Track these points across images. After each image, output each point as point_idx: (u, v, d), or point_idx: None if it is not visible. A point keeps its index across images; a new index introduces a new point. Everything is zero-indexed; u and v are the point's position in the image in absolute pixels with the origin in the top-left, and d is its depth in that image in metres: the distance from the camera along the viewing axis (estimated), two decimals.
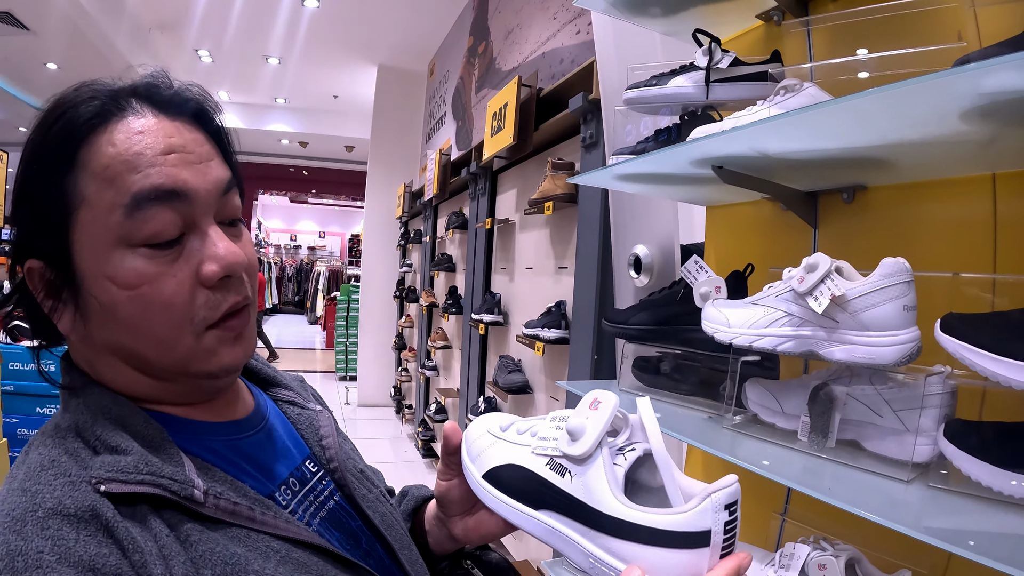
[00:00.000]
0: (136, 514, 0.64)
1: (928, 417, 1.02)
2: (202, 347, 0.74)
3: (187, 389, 0.78)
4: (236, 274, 0.75)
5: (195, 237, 0.73)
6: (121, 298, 0.70)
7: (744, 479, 1.64)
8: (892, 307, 1.02)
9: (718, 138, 1.17)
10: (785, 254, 1.60)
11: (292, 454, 0.87)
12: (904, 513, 0.90)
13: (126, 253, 0.69)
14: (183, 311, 0.71)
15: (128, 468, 0.65)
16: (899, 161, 1.21)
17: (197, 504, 0.67)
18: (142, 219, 0.69)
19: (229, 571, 0.65)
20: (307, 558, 0.73)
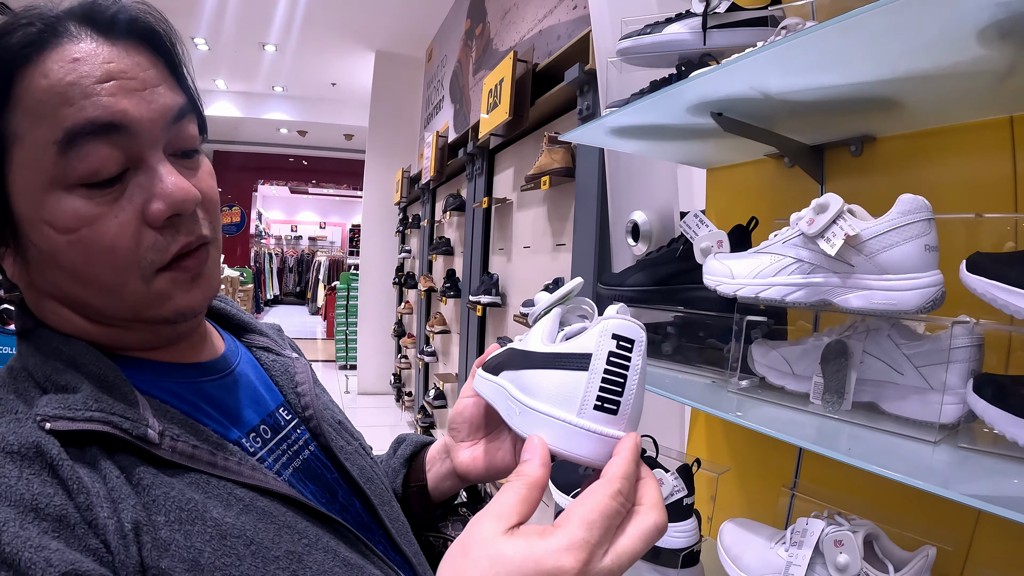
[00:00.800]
0: (85, 455, 0.60)
1: (955, 373, 0.92)
2: (153, 292, 0.68)
3: (144, 336, 0.73)
4: (187, 212, 0.68)
5: (140, 173, 0.66)
6: (60, 243, 0.64)
7: (750, 451, 1.58)
8: (912, 247, 0.92)
9: (717, 75, 1.08)
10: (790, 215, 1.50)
11: (264, 400, 0.82)
12: (934, 476, 0.80)
13: (63, 195, 0.63)
14: (127, 255, 0.65)
15: (76, 405, 0.61)
16: (910, 103, 1.12)
17: (151, 445, 0.63)
18: (77, 157, 0.62)
19: (184, 517, 0.61)
20: (274, 508, 0.67)
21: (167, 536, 0.59)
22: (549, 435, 0.59)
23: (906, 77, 1.00)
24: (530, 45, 4.23)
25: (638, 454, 0.58)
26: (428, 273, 6.41)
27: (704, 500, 1.59)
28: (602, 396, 0.58)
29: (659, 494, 0.57)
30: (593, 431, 0.58)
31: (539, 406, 0.61)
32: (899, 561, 1.04)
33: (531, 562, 0.49)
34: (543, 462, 0.57)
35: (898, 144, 1.27)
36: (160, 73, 0.70)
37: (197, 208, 0.70)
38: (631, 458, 0.56)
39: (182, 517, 0.60)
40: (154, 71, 0.69)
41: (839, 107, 1.18)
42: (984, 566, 1.06)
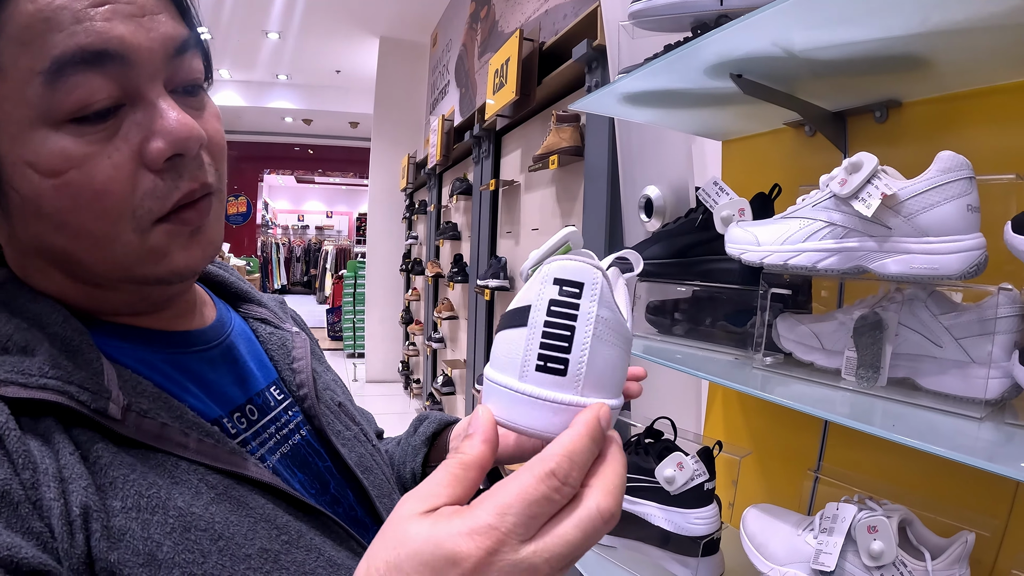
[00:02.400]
0: (38, 427, 0.53)
1: (999, 345, 0.86)
2: (148, 246, 0.60)
3: (130, 298, 0.66)
4: (190, 152, 0.60)
5: (137, 108, 0.58)
6: (45, 188, 0.56)
7: (770, 434, 1.52)
8: (954, 207, 0.85)
9: (737, 29, 1.00)
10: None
11: (254, 377, 0.76)
12: (982, 453, 0.74)
13: (49, 132, 0.55)
14: (121, 200, 0.57)
15: (31, 370, 0.54)
16: (940, 62, 1.05)
17: (112, 421, 0.56)
18: (65, 88, 0.54)
19: (143, 504, 0.54)
20: (251, 498, 0.61)
21: (121, 524, 0.53)
22: (495, 405, 0.50)
23: (938, 31, 0.93)
24: (536, 25, 4.19)
25: (598, 428, 0.46)
26: (435, 259, 6.37)
27: (724, 485, 1.54)
28: (544, 354, 0.48)
29: (617, 478, 0.46)
30: (536, 396, 0.48)
31: (489, 373, 0.52)
32: (935, 548, 0.99)
33: (431, 544, 0.41)
34: (485, 439, 0.47)
35: (925, 109, 1.20)
36: (162, 3, 0.61)
37: (202, 151, 0.63)
38: (584, 432, 0.45)
39: (140, 504, 0.54)
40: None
41: (865, 67, 1.11)
42: (1022, 551, 1.00)
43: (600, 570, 1.44)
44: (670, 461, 1.31)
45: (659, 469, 1.31)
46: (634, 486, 1.37)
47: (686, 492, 1.30)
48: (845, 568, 1.01)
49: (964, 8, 0.86)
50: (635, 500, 1.37)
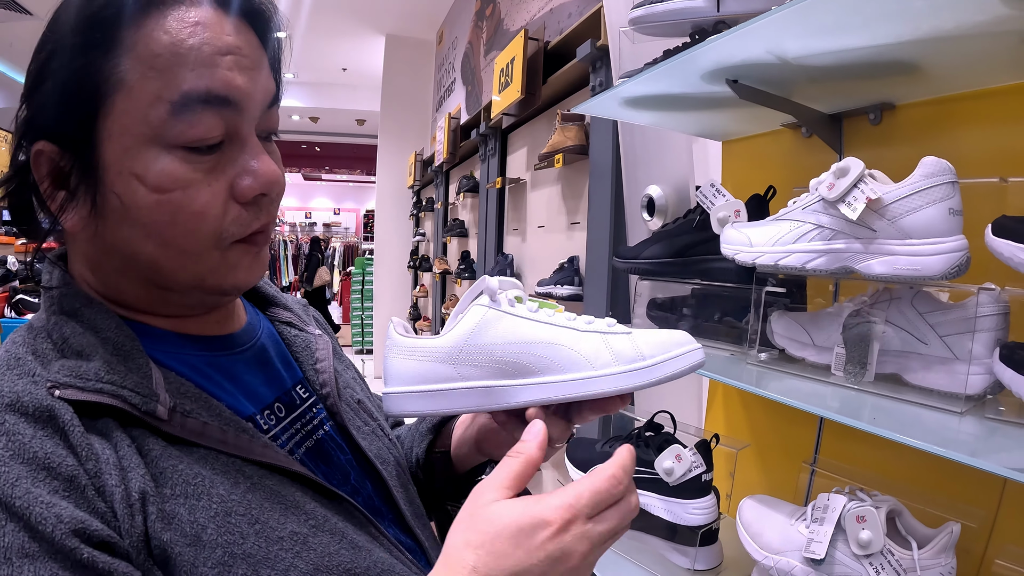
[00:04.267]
0: (98, 424, 0.60)
1: (981, 342, 0.90)
2: (227, 262, 0.69)
3: (189, 302, 0.74)
4: (272, 194, 0.70)
5: (235, 147, 0.67)
6: (148, 201, 0.63)
7: (768, 427, 1.55)
8: (936, 210, 0.89)
9: (732, 38, 1.04)
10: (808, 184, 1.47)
11: (282, 377, 0.82)
12: (961, 447, 0.77)
13: (161, 152, 0.63)
14: (214, 224, 0.66)
15: (88, 374, 0.61)
16: (932, 67, 1.08)
17: (160, 422, 0.62)
18: (188, 121, 0.62)
19: (191, 491, 0.61)
20: (282, 487, 0.67)
21: (172, 509, 0.59)
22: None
23: (928, 38, 0.97)
24: (541, 24, 4.20)
25: (635, 454, 0.67)
26: (443, 256, 6.38)
27: (722, 476, 1.57)
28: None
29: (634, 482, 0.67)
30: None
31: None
32: (922, 538, 1.02)
33: (525, 516, 0.58)
34: (540, 445, 0.66)
35: (918, 111, 1.23)
36: (263, 59, 0.70)
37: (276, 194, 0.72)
38: (631, 455, 0.66)
39: (188, 491, 0.60)
40: (260, 53, 0.70)
41: (858, 72, 1.14)
42: (1010, 542, 1.04)
43: (602, 559, 1.48)
44: (669, 453, 1.35)
45: (658, 461, 1.35)
46: (634, 477, 1.41)
47: (685, 483, 1.34)
48: (835, 556, 1.05)
49: (953, 16, 0.89)
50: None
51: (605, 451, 1.46)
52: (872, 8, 0.91)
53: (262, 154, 0.69)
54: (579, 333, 0.74)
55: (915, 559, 0.98)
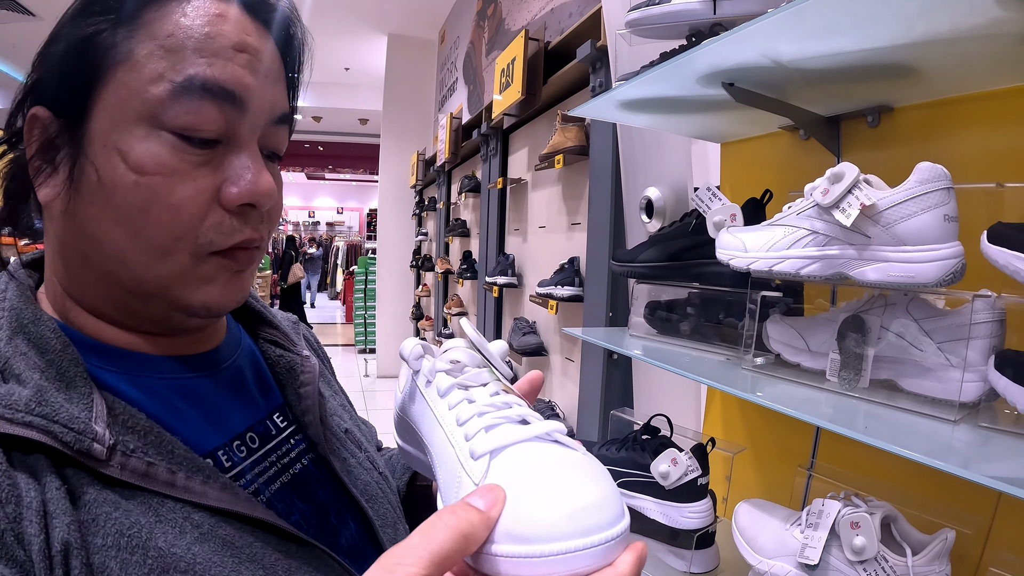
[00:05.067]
0: (28, 461, 0.53)
1: (975, 349, 0.89)
2: (197, 272, 0.64)
3: (153, 314, 0.67)
4: (262, 207, 0.66)
5: (231, 151, 0.64)
6: (126, 180, 0.59)
7: (766, 431, 1.55)
8: (931, 217, 0.88)
9: (726, 42, 1.04)
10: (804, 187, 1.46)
11: (257, 403, 0.76)
12: (954, 456, 0.77)
13: (151, 132, 0.59)
14: (190, 223, 0.61)
15: (18, 404, 0.53)
16: (928, 69, 1.07)
17: (97, 461, 0.55)
18: (186, 106, 0.59)
19: (123, 544, 0.53)
20: (238, 537, 0.60)
21: (100, 562, 0.52)
22: None
23: (924, 41, 0.96)
24: (542, 24, 4.20)
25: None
26: (445, 255, 6.39)
27: (719, 480, 1.57)
28: None
29: None
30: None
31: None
32: (917, 544, 1.02)
33: None
34: (485, 523, 0.45)
35: (916, 114, 1.22)
36: (281, 74, 0.69)
37: (265, 212, 0.68)
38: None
39: (120, 543, 0.53)
40: (279, 66, 0.68)
41: (855, 75, 1.13)
42: (1005, 550, 1.03)
43: None
44: (665, 457, 1.34)
45: (654, 464, 1.35)
46: (631, 481, 1.41)
47: (680, 487, 1.34)
48: (829, 562, 1.05)
49: (947, 19, 0.88)
50: (632, 494, 1.41)
51: (603, 454, 1.46)
52: (864, 11, 0.90)
53: (259, 164, 0.65)
54: (447, 448, 0.57)
55: (909, 566, 0.98)
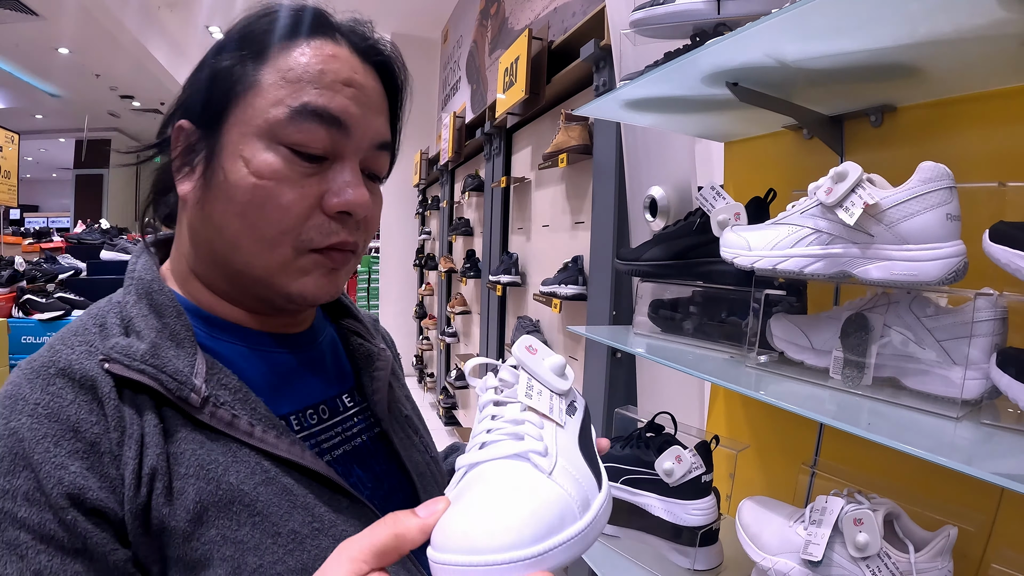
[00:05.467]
0: (136, 399, 0.68)
1: (978, 347, 0.90)
2: (296, 264, 0.76)
3: (253, 295, 0.80)
4: (356, 215, 0.78)
5: (335, 167, 0.77)
6: (246, 181, 0.73)
7: (769, 429, 1.55)
8: (933, 216, 0.89)
9: (731, 43, 1.04)
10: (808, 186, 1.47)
11: (332, 382, 0.89)
12: (957, 453, 0.77)
13: (269, 144, 0.73)
14: (295, 221, 0.74)
15: (135, 354, 0.68)
16: (931, 69, 1.08)
17: (191, 407, 0.69)
18: (298, 126, 0.73)
19: (201, 475, 0.67)
20: (296, 486, 0.72)
21: (179, 487, 0.66)
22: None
23: (926, 41, 0.97)
24: (545, 22, 4.20)
25: None
26: (448, 254, 6.38)
27: (723, 478, 1.58)
28: None
29: None
30: None
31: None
32: (920, 541, 1.02)
33: None
34: (422, 528, 0.54)
35: (919, 113, 1.23)
36: (383, 107, 0.83)
37: (362, 221, 0.80)
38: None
39: (199, 474, 0.67)
40: (381, 101, 0.82)
41: (858, 75, 1.14)
42: (1007, 547, 1.04)
43: (604, 559, 1.49)
44: (669, 454, 1.35)
45: (658, 462, 1.36)
46: (635, 478, 1.41)
47: (684, 484, 1.34)
48: (832, 559, 1.05)
49: (950, 20, 0.89)
50: (636, 491, 1.42)
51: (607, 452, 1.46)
52: (867, 12, 0.90)
53: (358, 180, 0.77)
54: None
55: (912, 562, 0.98)
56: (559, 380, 0.67)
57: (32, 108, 13.75)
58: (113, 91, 12.33)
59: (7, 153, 5.84)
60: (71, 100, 12.97)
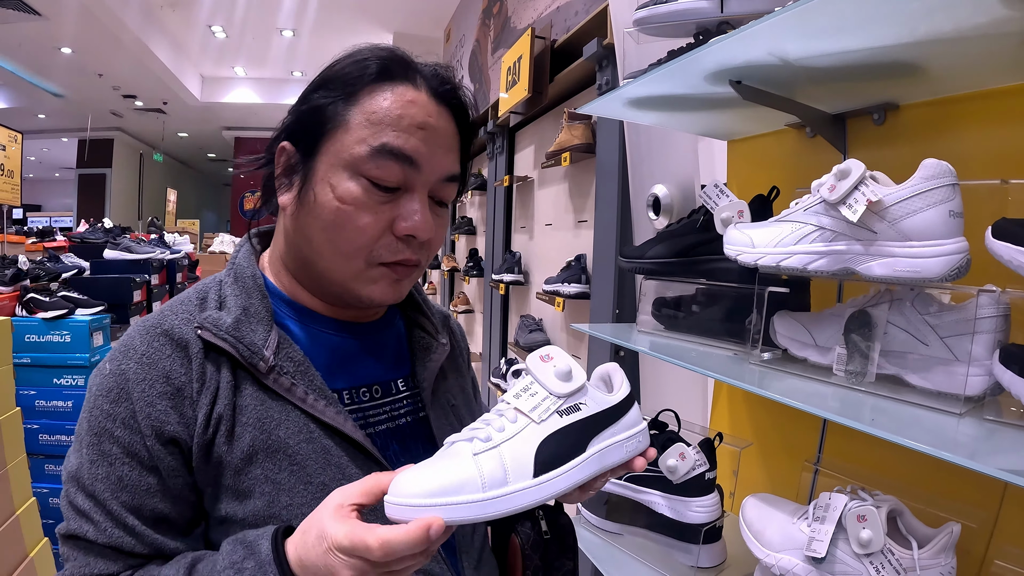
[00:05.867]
0: (219, 360, 0.86)
1: (980, 344, 0.90)
2: (367, 275, 0.90)
3: (330, 294, 0.95)
4: (421, 238, 0.90)
5: (407, 196, 0.89)
6: (331, 204, 0.86)
7: (772, 426, 1.56)
8: (936, 213, 0.89)
9: (734, 41, 1.05)
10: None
11: (390, 367, 1.02)
12: (960, 449, 0.77)
13: (352, 176, 0.86)
14: (368, 240, 0.87)
15: (221, 326, 0.86)
16: (933, 68, 1.08)
17: (259, 372, 0.85)
18: (377, 163, 0.85)
19: (258, 426, 0.84)
20: (334, 448, 0.87)
21: (239, 432, 0.83)
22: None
23: (927, 40, 0.97)
24: (548, 21, 4.19)
25: None
26: (451, 253, 6.38)
27: (726, 475, 1.58)
28: None
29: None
30: None
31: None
32: (923, 538, 1.03)
33: (328, 555, 0.68)
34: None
35: (922, 112, 1.23)
36: (455, 142, 0.94)
37: (424, 242, 0.91)
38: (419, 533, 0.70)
39: (256, 424, 0.84)
40: (453, 141, 0.93)
41: (860, 73, 1.14)
42: (1010, 544, 1.04)
43: (607, 556, 1.49)
44: (673, 451, 1.35)
45: (662, 459, 1.36)
46: (639, 475, 1.42)
47: (688, 481, 1.35)
48: (836, 555, 1.06)
49: (950, 18, 0.89)
50: (640, 489, 1.42)
51: None
52: (868, 11, 0.91)
53: (425, 209, 0.89)
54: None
55: (915, 559, 0.99)
56: (559, 384, 0.78)
57: (35, 108, 13.75)
58: (115, 90, 12.34)
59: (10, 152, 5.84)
60: (73, 100, 12.98)
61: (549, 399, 0.77)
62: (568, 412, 0.77)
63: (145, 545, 0.81)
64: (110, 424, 0.81)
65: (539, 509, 1.05)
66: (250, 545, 0.75)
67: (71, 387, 3.33)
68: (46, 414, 3.31)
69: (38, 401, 3.33)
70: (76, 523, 0.80)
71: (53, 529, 0.93)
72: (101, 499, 0.80)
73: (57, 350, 3.34)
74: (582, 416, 0.78)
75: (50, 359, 3.36)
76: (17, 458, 2.39)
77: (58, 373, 3.37)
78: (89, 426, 0.83)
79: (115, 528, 0.80)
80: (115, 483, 0.80)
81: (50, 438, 3.31)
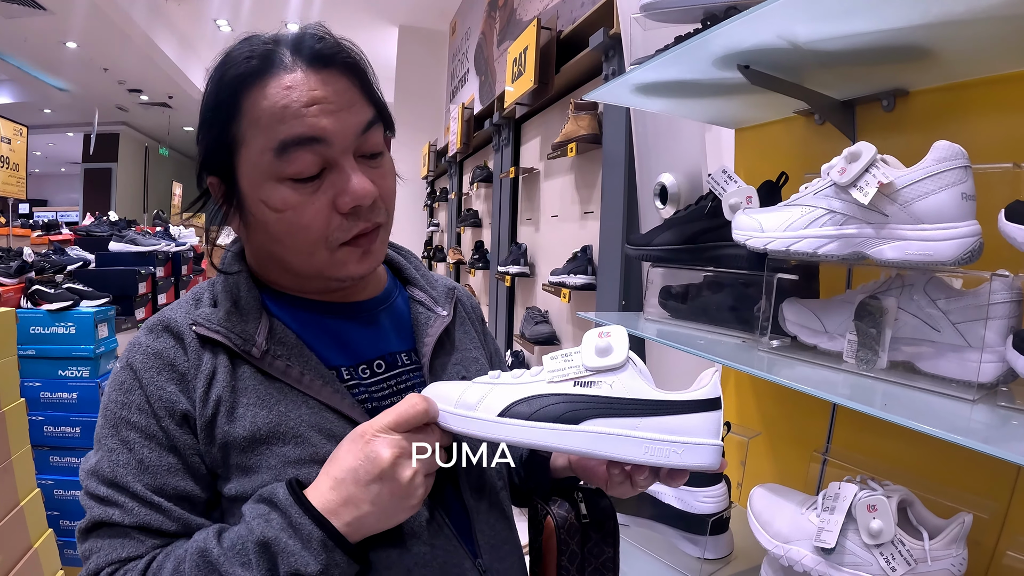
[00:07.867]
0: (215, 351, 0.88)
1: (993, 330, 0.88)
2: (335, 259, 0.90)
3: (321, 285, 0.96)
4: (365, 204, 0.88)
5: (334, 172, 0.86)
6: (271, 218, 0.87)
7: (780, 416, 1.54)
8: (948, 195, 0.88)
9: (742, 23, 1.03)
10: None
11: (390, 342, 1.02)
12: (972, 434, 0.76)
13: (275, 184, 0.85)
14: (320, 232, 0.87)
15: (213, 320, 0.89)
16: (944, 52, 1.07)
17: (253, 358, 0.88)
18: (287, 160, 0.83)
19: (260, 404, 0.86)
20: (333, 423, 0.88)
21: (241, 412, 0.85)
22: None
23: (939, 22, 0.96)
24: (554, 12, 4.18)
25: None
26: (457, 246, 6.39)
27: (734, 465, 1.57)
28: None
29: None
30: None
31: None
32: (934, 528, 1.02)
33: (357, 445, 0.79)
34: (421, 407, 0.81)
35: (932, 97, 1.22)
36: (354, 94, 0.88)
37: (377, 200, 0.90)
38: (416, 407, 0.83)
39: (259, 404, 0.86)
40: (349, 94, 0.87)
41: (870, 57, 1.13)
42: (1021, 534, 1.03)
43: None
44: None
45: None
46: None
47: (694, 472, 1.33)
48: (845, 545, 1.05)
49: (963, 0, 0.88)
50: None
51: None
52: None
53: (356, 175, 0.86)
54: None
55: (926, 549, 0.98)
56: (592, 357, 0.80)
57: (40, 102, 13.79)
58: (121, 85, 12.36)
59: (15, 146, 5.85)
60: (79, 94, 13.01)
61: (575, 368, 0.80)
62: (584, 384, 0.80)
63: (173, 521, 0.83)
64: (125, 412, 0.85)
65: (578, 491, 1.04)
66: (268, 498, 0.80)
67: (76, 379, 3.32)
68: (51, 406, 3.30)
69: (43, 393, 3.31)
70: (100, 510, 0.82)
71: (58, 521, 0.94)
72: (124, 483, 0.82)
73: (62, 342, 3.32)
74: (595, 393, 0.79)
75: (55, 351, 3.34)
76: (21, 449, 2.39)
77: (63, 365, 3.35)
78: (105, 421, 0.86)
79: (142, 507, 0.82)
80: (137, 466, 0.83)
81: (55, 430, 3.29)
